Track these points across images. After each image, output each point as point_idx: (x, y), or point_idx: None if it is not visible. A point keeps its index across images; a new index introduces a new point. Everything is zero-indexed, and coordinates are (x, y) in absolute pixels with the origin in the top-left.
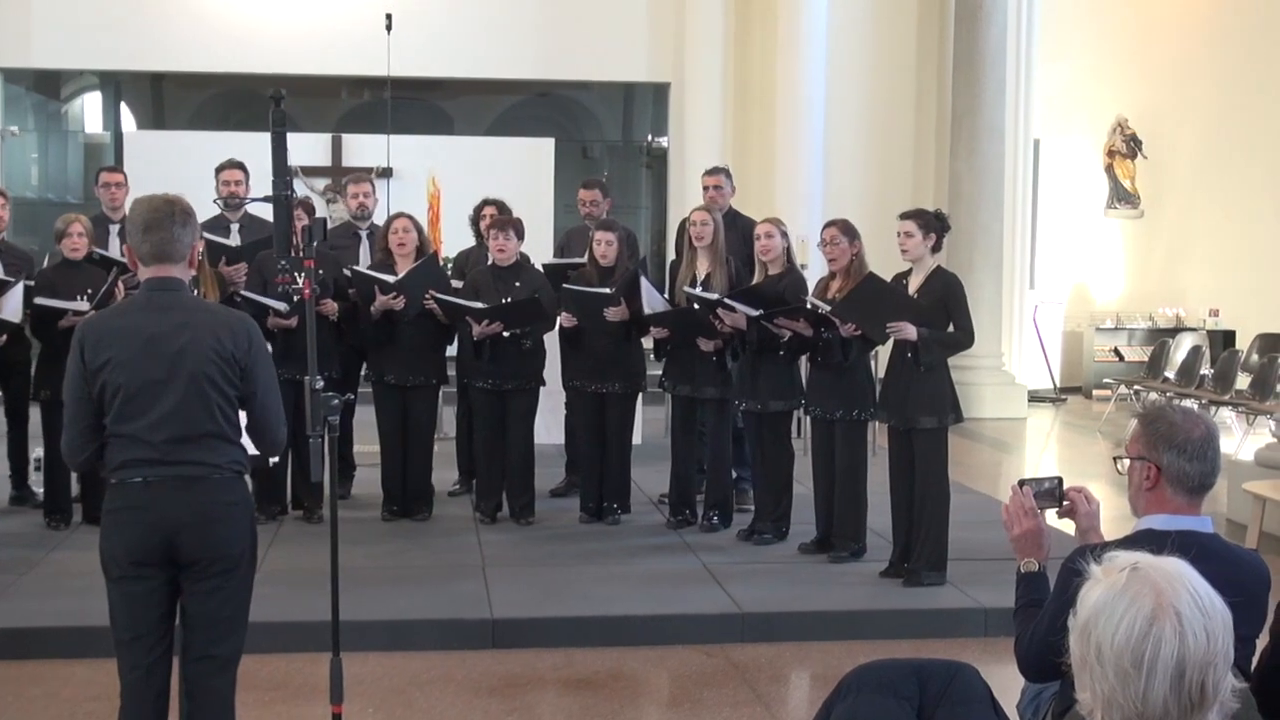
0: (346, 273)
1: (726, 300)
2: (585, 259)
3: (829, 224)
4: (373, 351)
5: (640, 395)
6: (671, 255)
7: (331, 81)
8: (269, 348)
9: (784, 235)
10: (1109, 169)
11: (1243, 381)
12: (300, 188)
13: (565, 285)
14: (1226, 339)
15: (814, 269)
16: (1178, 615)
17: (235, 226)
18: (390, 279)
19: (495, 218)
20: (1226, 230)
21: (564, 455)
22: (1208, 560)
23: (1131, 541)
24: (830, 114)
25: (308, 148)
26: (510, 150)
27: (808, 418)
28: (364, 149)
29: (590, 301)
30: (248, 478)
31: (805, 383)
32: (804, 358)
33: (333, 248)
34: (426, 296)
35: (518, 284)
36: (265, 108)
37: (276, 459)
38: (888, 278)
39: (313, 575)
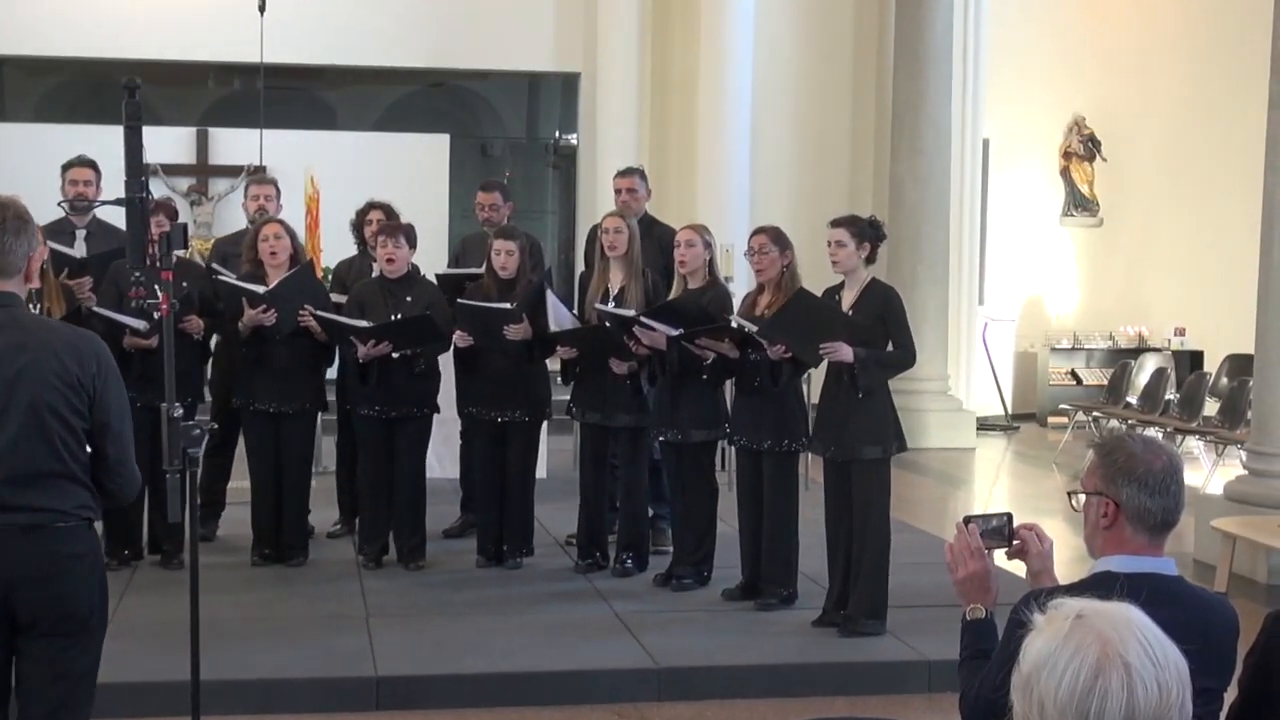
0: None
1: (642, 318)
2: (483, 270)
3: (757, 231)
4: (241, 374)
5: (545, 424)
6: (581, 266)
7: (196, 68)
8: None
9: (706, 244)
10: (1065, 172)
11: (1211, 408)
12: (160, 188)
13: (460, 300)
14: (1194, 360)
15: (740, 282)
16: (1126, 666)
17: (81, 233)
18: (259, 289)
19: (382, 223)
20: (1194, 240)
21: (459, 491)
22: (1166, 605)
23: (1087, 585)
24: (758, 109)
25: (169, 143)
26: (399, 147)
27: (733, 449)
28: (233, 145)
29: (488, 318)
30: (98, 522)
31: (730, 410)
32: (729, 382)
33: (225, 257)
34: (302, 312)
35: (408, 298)
36: (119, 98)
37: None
38: (823, 291)
39: (171, 629)
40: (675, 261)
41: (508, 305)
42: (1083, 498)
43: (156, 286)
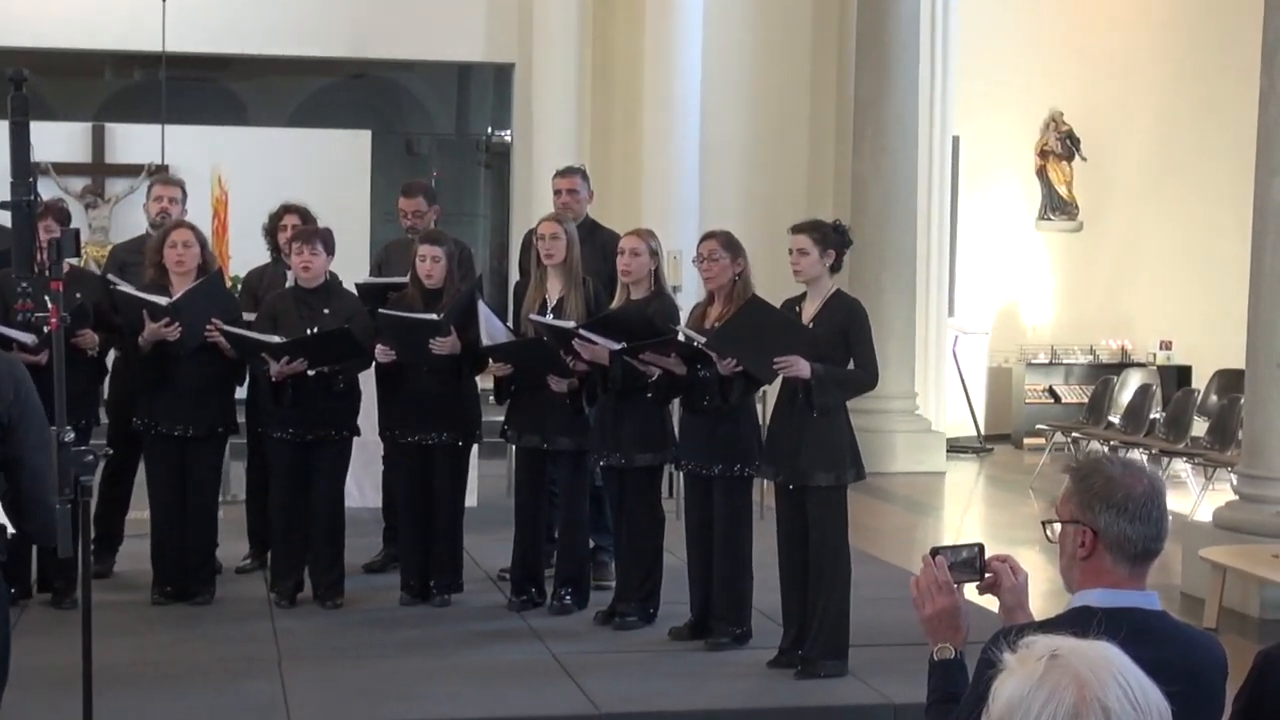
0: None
1: (582, 331)
2: (408, 279)
3: (707, 236)
4: (142, 394)
5: (476, 447)
6: (515, 275)
7: (91, 58)
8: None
9: (652, 251)
10: (1042, 173)
11: (1200, 428)
12: (50, 189)
13: (382, 311)
14: (1181, 376)
15: (689, 291)
16: (1104, 710)
17: None
18: (163, 301)
19: (297, 228)
20: (1181, 246)
21: (381, 522)
22: (1148, 642)
23: (1062, 622)
24: (709, 104)
25: (61, 140)
26: (316, 144)
27: (680, 473)
28: (133, 141)
29: (413, 331)
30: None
31: (678, 431)
32: (676, 401)
33: (123, 266)
34: (210, 326)
35: (326, 310)
36: (4, 91)
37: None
38: (778, 302)
39: (62, 675)
40: (618, 269)
41: (434, 316)
42: (1058, 526)
43: (46, 298)
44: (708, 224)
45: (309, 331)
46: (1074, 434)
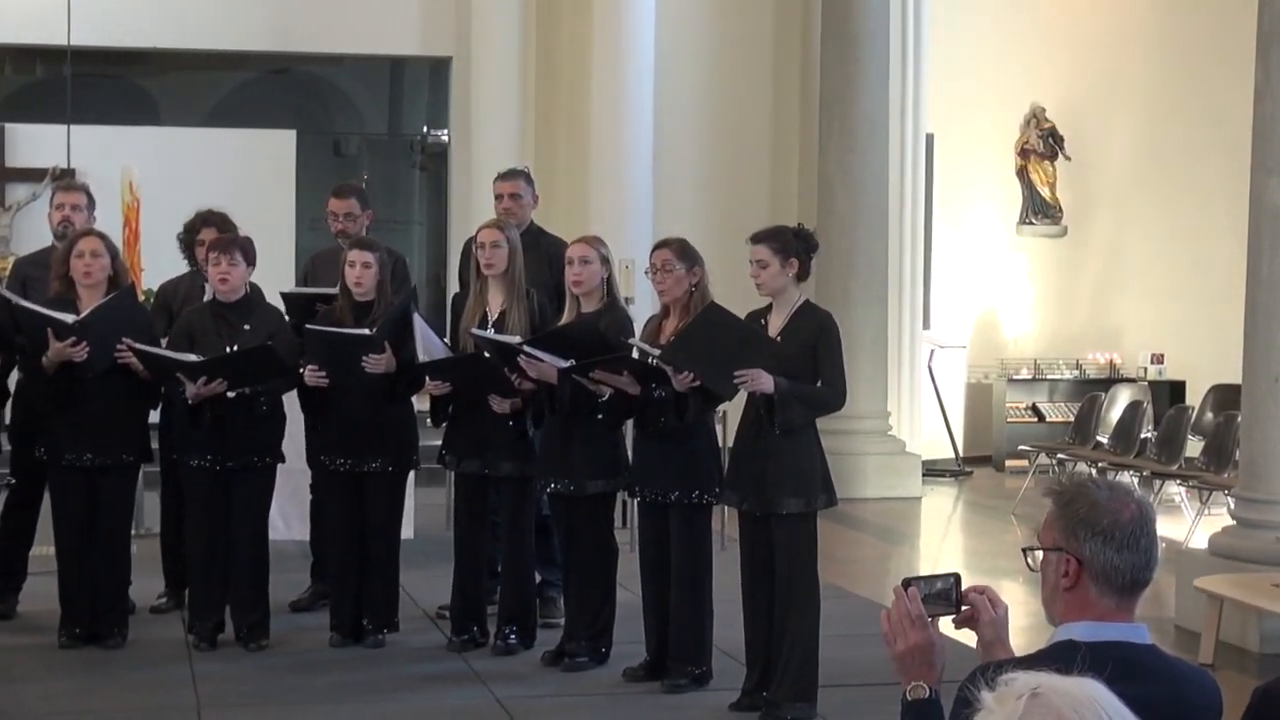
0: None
1: (526, 347)
2: (338, 290)
3: (660, 245)
4: (47, 420)
5: (412, 474)
6: (454, 286)
7: None
8: None
9: (603, 260)
10: (1022, 173)
11: (1194, 448)
12: None
13: (309, 326)
14: (1174, 392)
15: (642, 303)
16: None
17: None
18: (69, 319)
19: (215, 237)
20: (1173, 253)
21: (309, 556)
22: (1135, 679)
23: (1044, 657)
24: (663, 101)
25: None
26: (236, 146)
27: (634, 501)
28: (35, 143)
29: (343, 347)
30: None
31: (631, 455)
32: (629, 422)
33: (26, 281)
34: (120, 345)
35: (246, 326)
36: None
37: None
38: (744, 316)
39: None
40: (567, 280)
41: (366, 331)
42: (1040, 554)
43: None
44: (661, 231)
45: (229, 349)
46: (1059, 455)
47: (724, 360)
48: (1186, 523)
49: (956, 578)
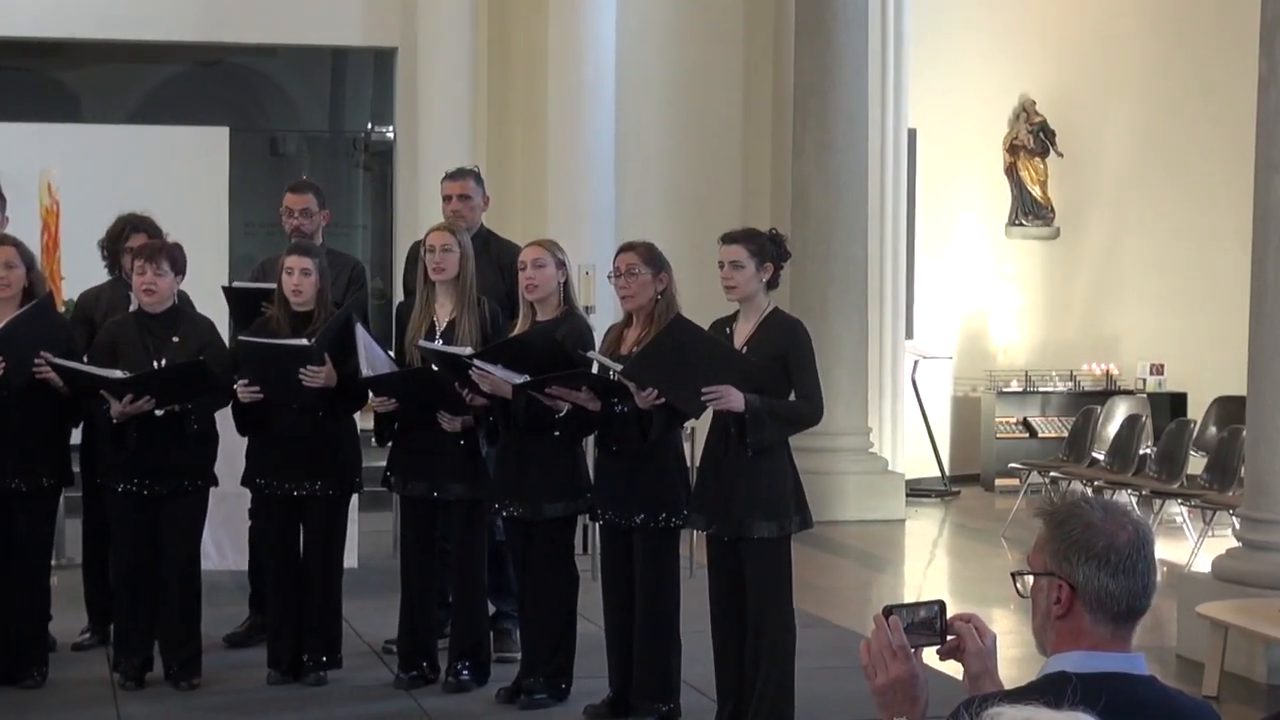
0: None
1: (478, 360)
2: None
3: (625, 248)
4: None
5: (355, 498)
6: (400, 294)
7: None
8: None
9: (560, 265)
10: (1011, 170)
11: (1197, 464)
12: None
13: (241, 337)
14: (1174, 405)
15: (604, 312)
16: None
17: None
18: None
19: (141, 244)
20: (1173, 256)
21: (245, 587)
22: (1132, 713)
23: (1035, 690)
24: (625, 95)
25: None
26: (163, 144)
27: (596, 526)
28: None
29: (278, 360)
30: None
31: (592, 476)
32: (590, 440)
33: None
34: (38, 360)
35: (175, 338)
36: None
37: None
38: (710, 324)
39: None
40: (521, 286)
41: (305, 342)
42: (1030, 580)
43: None
44: (625, 235)
45: (156, 364)
46: (1052, 473)
47: (690, 376)
48: (1188, 545)
49: (941, 605)
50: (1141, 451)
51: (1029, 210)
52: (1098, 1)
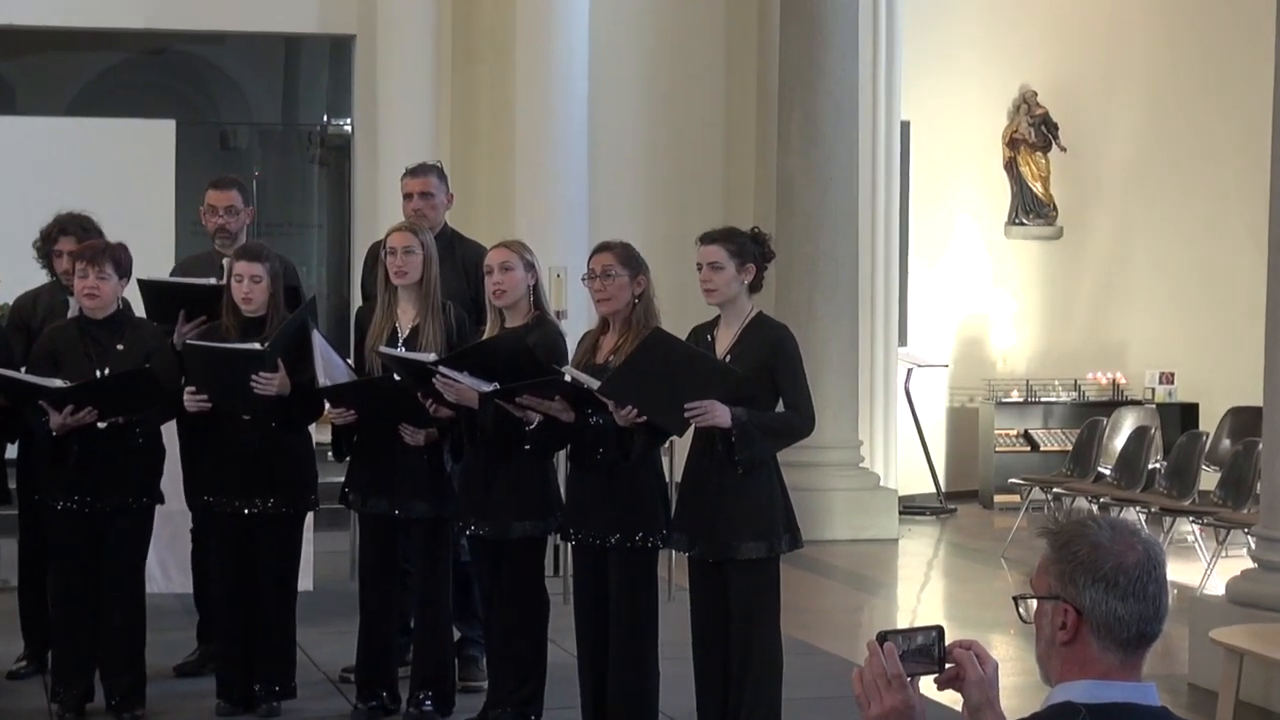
0: None
1: (442, 368)
2: (221, 281)
3: (603, 247)
4: None
5: (310, 516)
6: (358, 299)
7: None
8: None
9: (529, 267)
10: (1011, 166)
11: (1210, 480)
12: None
13: (188, 342)
14: (1185, 416)
15: (577, 317)
16: None
17: None
18: None
19: (82, 245)
20: (1183, 257)
21: (193, 612)
22: None
23: None
24: (599, 85)
25: None
26: (105, 138)
27: (569, 545)
28: None
29: (228, 366)
30: None
31: (565, 493)
32: (561, 454)
33: None
34: None
35: (120, 346)
36: None
37: None
38: (688, 332)
39: None
40: (488, 291)
41: (257, 346)
42: (1033, 603)
43: None
44: (598, 235)
45: (99, 373)
46: (1055, 490)
47: (671, 392)
48: (1201, 566)
49: (939, 631)
50: (1150, 466)
51: (1030, 208)
52: None
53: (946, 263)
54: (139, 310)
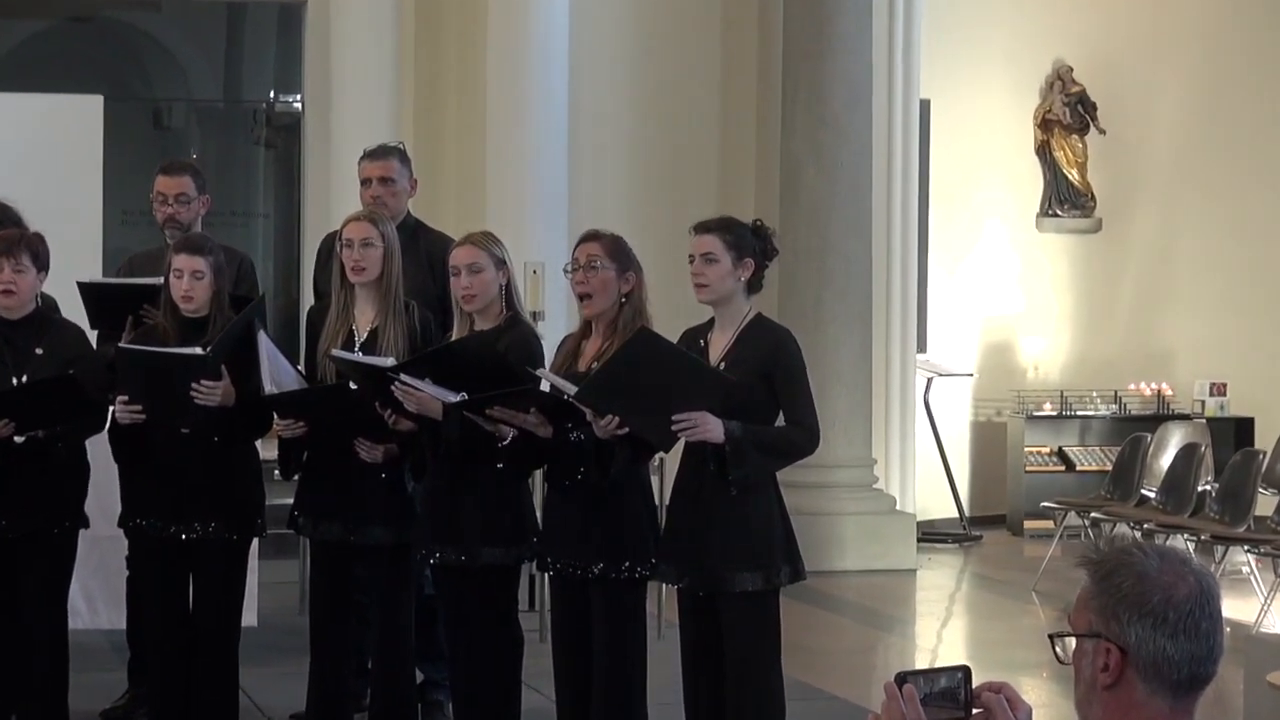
0: None
1: (404, 375)
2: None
3: (588, 237)
4: None
5: (255, 542)
6: (310, 296)
7: None
8: None
9: (500, 262)
10: (1044, 150)
11: (1267, 504)
12: None
13: (120, 345)
14: (1240, 432)
15: (556, 318)
16: None
17: None
18: None
19: None
20: (1234, 254)
21: (124, 650)
22: None
23: None
24: (580, 58)
25: None
26: (25, 115)
27: (546, 575)
28: None
29: (165, 372)
30: None
31: (541, 517)
32: (539, 473)
33: None
34: None
35: (39, 349)
36: None
37: None
38: (680, 334)
39: None
40: (455, 293)
41: (198, 350)
42: (1072, 642)
43: None
44: (578, 226)
45: (15, 380)
46: (1093, 514)
47: (658, 401)
48: (1257, 601)
49: (965, 672)
50: (1200, 488)
51: (1065, 198)
52: None
53: (971, 259)
54: (77, 316)
